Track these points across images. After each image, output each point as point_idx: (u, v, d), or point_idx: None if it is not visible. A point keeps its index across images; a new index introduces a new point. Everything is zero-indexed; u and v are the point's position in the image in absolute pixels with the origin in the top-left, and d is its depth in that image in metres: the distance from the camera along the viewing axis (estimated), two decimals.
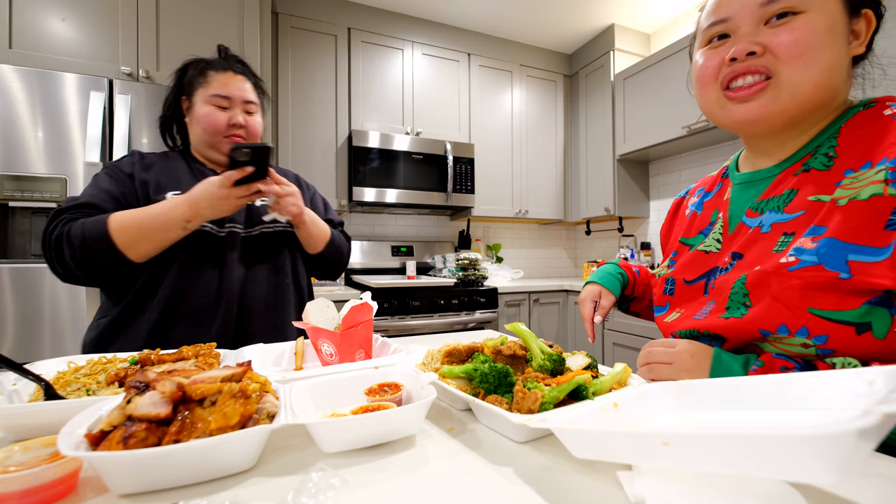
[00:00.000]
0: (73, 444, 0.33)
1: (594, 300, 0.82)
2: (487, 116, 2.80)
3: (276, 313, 0.98)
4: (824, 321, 0.46)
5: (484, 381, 0.49)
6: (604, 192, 2.75)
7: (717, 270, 0.61)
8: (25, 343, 1.42)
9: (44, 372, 0.53)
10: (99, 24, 1.64)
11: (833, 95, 0.52)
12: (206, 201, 0.84)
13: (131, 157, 0.96)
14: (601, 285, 0.83)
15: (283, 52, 2.27)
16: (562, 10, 2.59)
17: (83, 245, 0.80)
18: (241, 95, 0.98)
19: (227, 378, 0.40)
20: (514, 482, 0.35)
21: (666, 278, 0.70)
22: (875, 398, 0.30)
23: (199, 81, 0.97)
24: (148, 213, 0.83)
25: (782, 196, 0.55)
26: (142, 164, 0.94)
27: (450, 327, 2.22)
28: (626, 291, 0.85)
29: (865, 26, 0.50)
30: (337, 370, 0.57)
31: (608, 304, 0.80)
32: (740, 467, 0.26)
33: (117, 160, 0.96)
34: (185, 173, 0.96)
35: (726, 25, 0.55)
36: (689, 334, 0.60)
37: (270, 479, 0.36)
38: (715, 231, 0.64)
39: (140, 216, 0.83)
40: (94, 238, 0.80)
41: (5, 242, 1.46)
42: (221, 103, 0.96)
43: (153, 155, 0.98)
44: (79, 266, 0.81)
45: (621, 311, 0.88)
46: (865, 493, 0.32)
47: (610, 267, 0.87)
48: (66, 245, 0.80)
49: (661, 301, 0.71)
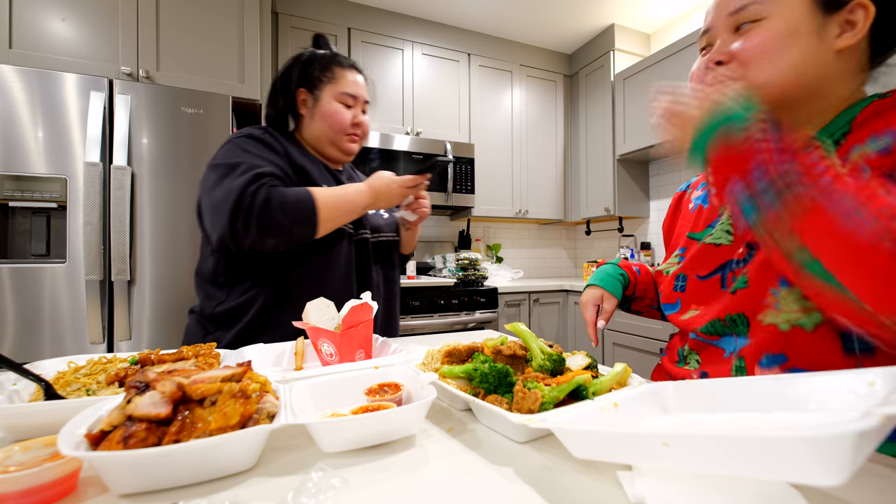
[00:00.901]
0: (73, 444, 0.33)
1: (596, 304, 0.81)
2: (487, 116, 2.80)
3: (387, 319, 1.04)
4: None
5: (484, 381, 0.49)
6: (604, 192, 2.75)
7: (731, 263, 0.61)
8: (25, 343, 1.42)
9: (44, 372, 0.53)
10: (99, 24, 1.64)
11: (815, 92, 0.52)
12: (385, 196, 0.93)
13: (271, 136, 0.94)
14: (603, 288, 0.82)
15: (283, 52, 2.27)
16: (562, 10, 2.59)
17: (293, 213, 0.81)
18: (363, 95, 1.01)
19: (227, 378, 0.40)
20: (514, 482, 0.35)
21: (676, 274, 0.69)
22: (875, 399, 0.30)
23: (327, 77, 0.97)
24: (341, 193, 0.88)
25: None
26: (290, 146, 0.95)
27: (450, 327, 2.22)
28: (628, 292, 0.84)
29: (863, 15, 0.50)
30: (337, 370, 0.57)
31: (611, 308, 0.80)
32: (740, 468, 0.26)
33: (262, 133, 0.93)
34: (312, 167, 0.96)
35: (708, 35, 0.58)
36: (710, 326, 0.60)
37: (270, 479, 0.36)
38: (723, 222, 0.64)
39: (336, 195, 0.87)
40: (305, 208, 0.82)
41: (5, 242, 1.46)
42: (348, 101, 0.98)
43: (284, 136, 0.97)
44: (281, 232, 0.81)
45: (622, 310, 0.87)
46: (865, 493, 0.32)
47: (610, 268, 0.86)
48: (278, 210, 0.79)
49: (670, 298, 0.70)
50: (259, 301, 0.87)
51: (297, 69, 0.99)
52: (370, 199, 0.91)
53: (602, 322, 0.78)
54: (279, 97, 0.99)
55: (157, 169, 1.58)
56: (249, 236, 0.79)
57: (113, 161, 1.49)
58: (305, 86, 0.98)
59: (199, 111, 1.64)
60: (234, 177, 0.81)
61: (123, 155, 1.50)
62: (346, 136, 0.99)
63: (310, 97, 0.98)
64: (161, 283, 1.58)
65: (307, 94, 0.98)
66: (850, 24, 0.50)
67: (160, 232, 1.58)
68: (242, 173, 0.81)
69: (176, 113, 1.61)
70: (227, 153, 0.87)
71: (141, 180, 1.56)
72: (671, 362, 0.69)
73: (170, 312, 1.59)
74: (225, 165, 0.84)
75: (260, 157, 0.87)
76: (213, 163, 0.87)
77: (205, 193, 0.85)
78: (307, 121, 0.99)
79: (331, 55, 0.99)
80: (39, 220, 1.49)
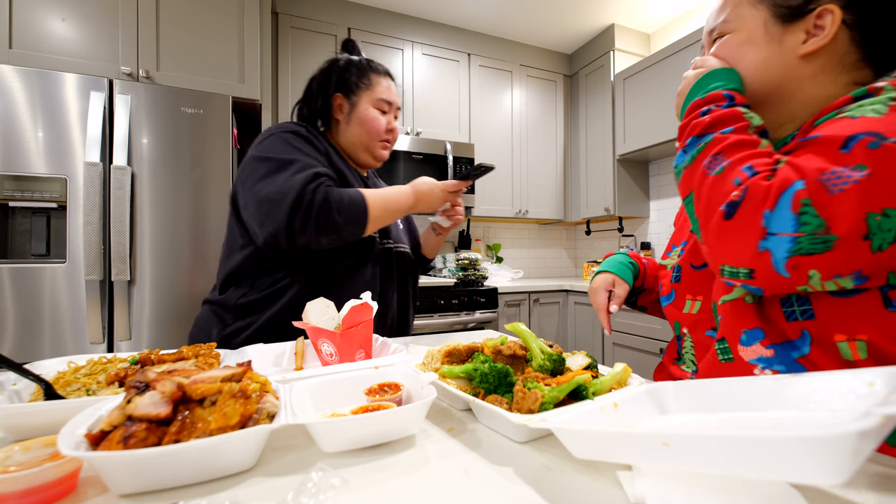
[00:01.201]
0: (73, 444, 0.33)
1: (608, 289, 0.80)
2: (487, 116, 2.80)
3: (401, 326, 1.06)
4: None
5: (484, 381, 0.49)
6: (604, 192, 2.75)
7: None
8: (25, 343, 1.42)
9: (44, 372, 0.53)
10: (99, 24, 1.64)
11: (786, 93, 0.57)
12: (427, 199, 0.95)
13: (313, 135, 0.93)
14: (614, 274, 0.81)
15: (283, 52, 2.27)
16: (562, 10, 2.59)
17: (347, 213, 0.82)
18: (397, 102, 1.03)
19: (227, 378, 0.40)
20: (514, 482, 0.35)
21: (674, 266, 0.70)
22: (875, 399, 0.30)
23: (364, 83, 0.99)
24: (388, 195, 0.89)
25: None
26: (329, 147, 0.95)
27: (450, 327, 2.22)
28: (637, 282, 0.83)
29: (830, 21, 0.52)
30: (337, 370, 0.57)
31: (623, 293, 0.79)
32: (740, 468, 0.26)
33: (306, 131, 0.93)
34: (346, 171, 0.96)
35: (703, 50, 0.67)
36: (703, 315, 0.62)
37: (270, 479, 0.36)
38: None
39: (383, 197, 0.88)
40: (359, 208, 0.83)
41: (5, 242, 1.46)
42: (384, 107, 1.00)
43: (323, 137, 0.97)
44: (335, 232, 0.81)
45: (627, 305, 0.86)
46: (865, 493, 0.32)
47: (620, 256, 0.85)
48: (335, 211, 0.80)
49: (667, 290, 0.70)
50: (286, 295, 0.87)
51: (335, 73, 1.00)
52: (413, 202, 0.93)
53: (615, 307, 0.77)
54: (317, 98, 1.00)
55: (157, 169, 1.58)
56: (306, 235, 0.79)
57: (113, 161, 1.49)
58: (342, 91, 0.99)
59: (199, 111, 1.64)
60: (291, 173, 0.81)
61: (123, 155, 1.50)
62: (380, 141, 1.00)
63: (346, 102, 0.99)
64: (161, 283, 1.58)
65: (343, 99, 0.99)
66: (818, 29, 0.53)
67: (160, 232, 1.58)
68: (300, 170, 0.81)
69: (176, 113, 1.61)
70: (275, 147, 0.86)
71: (141, 180, 1.56)
72: (671, 361, 0.69)
73: (170, 312, 1.59)
74: (277, 160, 0.83)
75: (309, 155, 0.87)
76: (261, 155, 0.85)
77: (251, 185, 0.83)
78: (342, 126, 1.00)
79: (366, 62, 1.01)
80: (39, 220, 1.49)
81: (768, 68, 0.56)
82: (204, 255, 1.65)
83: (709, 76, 0.58)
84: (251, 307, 0.89)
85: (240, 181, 0.87)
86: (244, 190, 0.85)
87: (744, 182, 0.45)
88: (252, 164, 0.85)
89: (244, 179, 0.86)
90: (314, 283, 0.89)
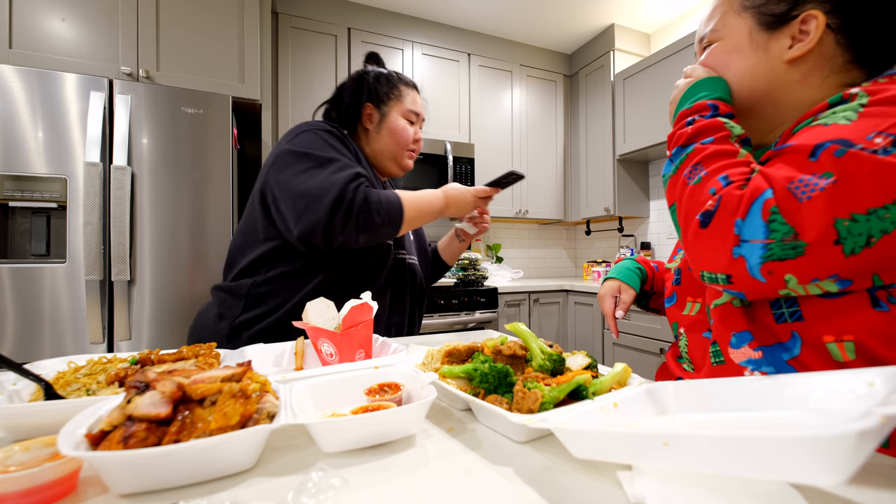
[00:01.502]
0: (73, 443, 0.33)
1: (614, 295, 0.82)
2: (487, 116, 2.80)
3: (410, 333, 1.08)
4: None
5: (484, 381, 0.49)
6: (604, 192, 2.75)
7: None
8: (25, 343, 1.42)
9: (44, 372, 0.53)
10: (99, 24, 1.64)
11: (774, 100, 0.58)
12: (458, 205, 0.96)
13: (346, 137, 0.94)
14: (620, 280, 0.83)
15: (283, 52, 2.27)
16: (562, 10, 2.59)
17: (385, 213, 0.83)
18: (423, 113, 1.05)
19: (227, 378, 0.40)
20: (514, 482, 0.35)
21: (676, 268, 0.70)
22: (875, 399, 0.30)
23: (395, 94, 1.01)
24: (421, 197, 0.90)
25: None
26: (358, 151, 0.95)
27: (450, 327, 2.22)
28: (646, 287, 0.85)
29: (814, 26, 0.52)
30: (337, 370, 0.57)
31: (629, 299, 0.80)
32: (740, 468, 0.26)
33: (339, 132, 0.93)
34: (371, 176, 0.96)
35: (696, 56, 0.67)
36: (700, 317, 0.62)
37: (270, 479, 0.36)
38: None
39: (417, 199, 0.89)
40: (395, 209, 0.85)
41: (5, 242, 1.46)
42: (412, 118, 1.02)
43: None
44: (373, 231, 0.82)
45: (640, 308, 0.88)
46: (865, 493, 0.32)
47: (628, 262, 0.87)
48: (375, 211, 0.82)
49: (669, 292, 0.71)
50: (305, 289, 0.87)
51: (366, 83, 1.01)
52: (444, 205, 0.95)
53: (620, 312, 0.79)
54: (350, 105, 1.01)
55: (157, 169, 1.58)
56: (346, 233, 0.80)
57: (113, 161, 1.49)
58: (373, 101, 1.01)
59: (199, 111, 1.64)
60: (332, 171, 0.82)
61: (123, 155, 1.50)
62: (407, 151, 1.03)
63: (376, 112, 1.01)
64: (161, 283, 1.58)
65: (374, 109, 1.01)
66: (804, 34, 0.54)
67: (160, 232, 1.58)
68: (341, 169, 0.82)
69: (176, 113, 1.61)
70: (313, 143, 0.86)
71: (141, 180, 1.56)
72: (674, 359, 0.69)
73: (170, 312, 1.59)
74: (317, 157, 0.84)
75: (345, 155, 0.88)
76: (300, 150, 0.85)
77: (288, 178, 0.83)
78: (371, 134, 1.02)
79: (396, 74, 1.04)
80: (39, 220, 1.49)
81: (756, 75, 0.57)
82: (204, 255, 1.65)
83: (696, 86, 0.59)
84: (266, 297, 0.88)
85: (273, 173, 0.86)
86: (279, 183, 0.84)
87: (718, 192, 0.47)
88: (289, 158, 0.85)
89: (280, 172, 0.85)
90: (332, 283, 0.89)
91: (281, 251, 0.88)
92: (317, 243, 0.82)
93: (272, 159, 0.88)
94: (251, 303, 0.88)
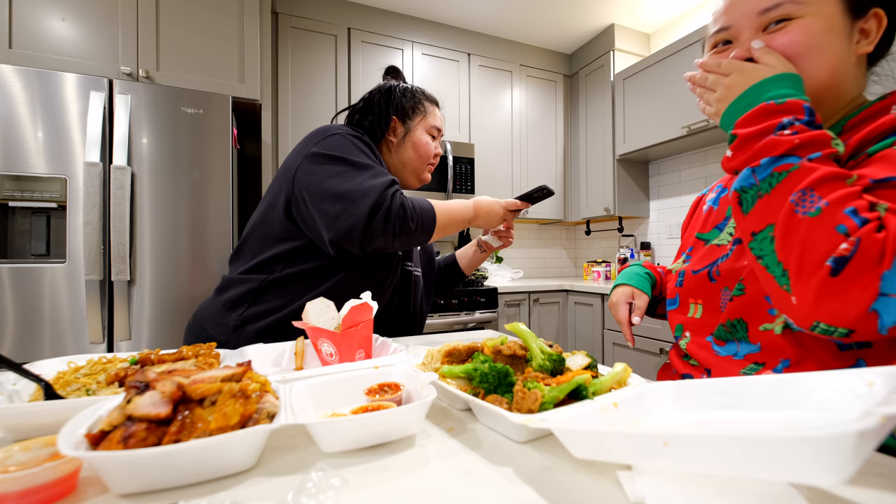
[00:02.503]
0: (73, 443, 0.33)
1: (628, 302, 0.80)
2: (487, 116, 2.80)
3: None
4: None
5: (484, 381, 0.49)
6: (604, 191, 2.75)
7: (721, 258, 0.61)
8: (25, 343, 1.42)
9: (44, 372, 0.53)
10: (99, 24, 1.64)
11: (838, 94, 0.53)
12: (487, 216, 0.97)
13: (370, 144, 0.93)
14: (632, 286, 0.80)
15: (283, 52, 2.27)
16: (562, 10, 2.59)
17: (420, 220, 0.84)
18: (444, 129, 1.09)
19: (227, 378, 0.40)
20: (514, 482, 0.35)
21: (679, 272, 0.70)
22: (875, 399, 0.30)
23: (420, 110, 1.03)
24: (452, 207, 0.92)
25: None
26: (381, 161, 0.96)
27: (450, 327, 2.22)
28: (654, 292, 0.83)
29: (876, 25, 0.51)
30: (337, 370, 0.57)
31: (644, 304, 0.78)
32: (740, 468, 0.26)
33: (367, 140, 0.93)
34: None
35: (729, 33, 0.56)
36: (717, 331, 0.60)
37: (270, 479, 0.36)
38: (729, 226, 0.65)
39: (449, 208, 0.91)
40: (429, 217, 0.86)
41: (5, 242, 1.46)
42: (434, 133, 1.05)
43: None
44: (407, 236, 0.83)
45: (647, 315, 0.86)
46: (865, 493, 0.32)
47: (636, 268, 0.85)
48: (410, 217, 0.83)
49: (671, 294, 0.71)
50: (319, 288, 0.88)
51: (394, 97, 1.03)
52: (472, 216, 0.96)
53: (637, 318, 0.77)
54: (381, 118, 1.01)
55: (157, 169, 1.58)
56: (384, 237, 0.80)
57: (113, 161, 1.49)
58: (398, 115, 1.02)
59: (199, 111, 1.64)
60: (369, 176, 0.82)
61: (123, 155, 1.50)
62: (428, 165, 1.05)
63: (401, 126, 1.02)
64: (161, 283, 1.58)
65: (399, 123, 1.02)
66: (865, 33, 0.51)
67: (160, 232, 1.58)
68: (377, 175, 0.83)
69: (176, 113, 1.61)
70: (346, 147, 0.86)
71: (141, 180, 1.56)
72: (678, 358, 0.69)
73: (170, 312, 1.59)
74: (350, 161, 0.84)
75: (375, 162, 0.88)
76: (332, 153, 0.85)
77: (322, 179, 0.82)
78: (395, 147, 1.03)
79: (420, 90, 1.06)
80: (39, 220, 1.49)
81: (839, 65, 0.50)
82: (204, 255, 1.65)
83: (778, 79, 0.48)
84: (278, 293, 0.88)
85: (303, 174, 0.85)
86: (311, 184, 0.83)
87: (853, 233, 0.39)
88: (321, 160, 0.85)
89: (312, 174, 0.84)
90: (342, 287, 0.89)
91: (298, 251, 0.88)
92: (351, 247, 0.81)
93: (299, 160, 0.87)
94: (262, 297, 0.88)
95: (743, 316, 0.57)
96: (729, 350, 0.59)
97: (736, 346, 0.58)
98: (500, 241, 1.11)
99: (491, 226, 1.00)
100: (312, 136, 0.91)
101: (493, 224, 1.00)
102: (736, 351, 0.57)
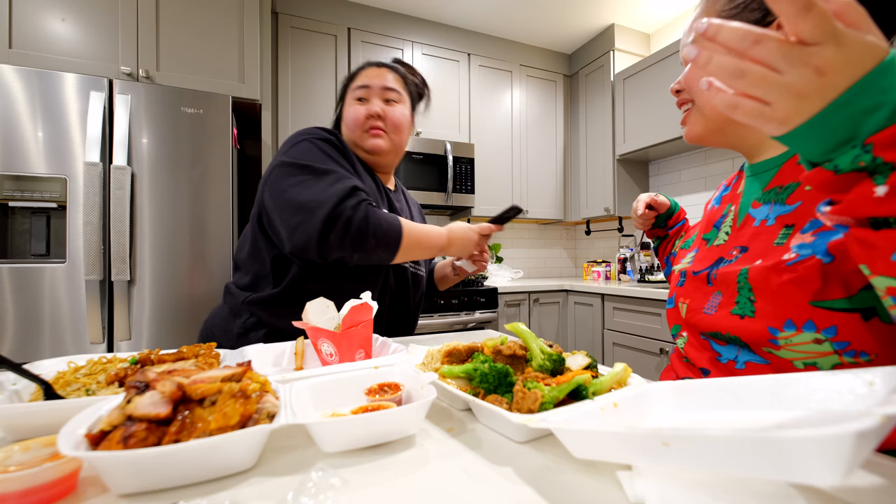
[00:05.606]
0: (73, 443, 0.33)
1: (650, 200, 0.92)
2: (487, 116, 2.80)
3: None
4: (828, 311, 0.46)
5: (484, 381, 0.49)
6: (604, 191, 2.75)
7: (721, 261, 0.61)
8: (25, 343, 1.42)
9: (44, 372, 0.53)
10: (99, 24, 1.64)
11: None
12: (461, 243, 0.93)
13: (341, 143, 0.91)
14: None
15: (283, 52, 2.27)
16: (562, 9, 2.59)
17: (383, 237, 0.80)
18: (379, 83, 0.95)
19: (227, 378, 0.40)
20: (514, 482, 0.35)
21: (681, 272, 0.70)
22: (875, 399, 0.30)
23: (349, 84, 0.98)
24: (424, 231, 0.87)
25: (786, 187, 0.56)
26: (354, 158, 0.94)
27: (450, 327, 2.22)
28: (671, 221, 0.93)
29: None
30: (337, 370, 0.57)
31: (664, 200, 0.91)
32: (740, 468, 0.26)
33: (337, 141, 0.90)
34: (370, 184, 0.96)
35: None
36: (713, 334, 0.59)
37: (270, 479, 0.36)
38: (725, 223, 0.65)
39: (419, 232, 0.86)
40: (393, 236, 0.81)
41: (5, 242, 1.46)
42: (360, 94, 0.96)
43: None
44: (367, 251, 0.79)
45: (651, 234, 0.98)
46: (865, 493, 0.32)
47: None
48: (372, 234, 0.79)
49: (671, 293, 0.71)
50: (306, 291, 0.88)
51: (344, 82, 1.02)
52: (446, 243, 0.91)
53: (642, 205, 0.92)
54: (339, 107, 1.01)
55: (157, 169, 1.58)
56: (341, 250, 0.78)
57: (113, 161, 1.49)
58: (341, 100, 1.00)
59: (199, 111, 1.64)
60: (328, 183, 0.79)
61: (123, 155, 1.50)
62: (365, 131, 0.95)
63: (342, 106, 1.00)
64: (161, 283, 1.58)
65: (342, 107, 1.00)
66: None
67: (160, 232, 1.58)
68: (337, 181, 0.80)
69: (176, 113, 1.61)
70: (308, 153, 0.84)
71: (141, 180, 1.56)
72: (679, 360, 0.69)
73: (170, 312, 1.59)
74: (311, 168, 0.82)
75: (342, 166, 0.86)
76: (293, 161, 0.83)
77: (283, 190, 0.81)
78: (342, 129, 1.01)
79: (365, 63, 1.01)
80: (39, 220, 1.49)
81: None
82: (204, 255, 1.65)
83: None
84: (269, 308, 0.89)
85: (267, 185, 0.85)
86: (274, 195, 0.83)
87: None
88: (281, 170, 0.83)
89: (274, 183, 0.83)
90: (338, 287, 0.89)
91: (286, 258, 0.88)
92: (311, 258, 0.80)
93: (269, 171, 0.87)
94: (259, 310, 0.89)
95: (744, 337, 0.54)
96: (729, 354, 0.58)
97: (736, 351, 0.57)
98: (474, 265, 1.07)
99: (466, 254, 0.95)
100: (284, 143, 0.90)
101: (467, 252, 0.95)
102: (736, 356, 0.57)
